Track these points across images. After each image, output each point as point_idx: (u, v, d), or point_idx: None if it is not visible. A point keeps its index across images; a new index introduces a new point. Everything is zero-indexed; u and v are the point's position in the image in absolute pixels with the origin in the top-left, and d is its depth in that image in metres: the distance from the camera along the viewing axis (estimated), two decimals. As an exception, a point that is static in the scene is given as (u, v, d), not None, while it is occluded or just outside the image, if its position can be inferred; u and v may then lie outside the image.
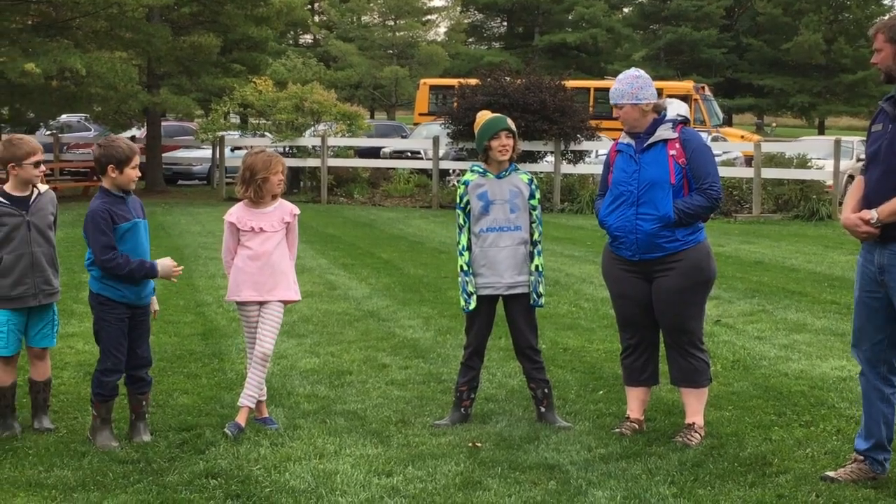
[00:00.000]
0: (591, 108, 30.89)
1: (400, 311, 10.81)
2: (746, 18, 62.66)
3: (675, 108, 9.41)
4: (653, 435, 6.49)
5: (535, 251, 6.75)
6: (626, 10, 68.19)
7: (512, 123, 6.81)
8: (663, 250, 6.29)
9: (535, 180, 6.90)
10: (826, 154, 23.09)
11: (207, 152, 31.04)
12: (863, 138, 10.51)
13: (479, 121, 6.83)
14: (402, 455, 6.10)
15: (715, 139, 27.58)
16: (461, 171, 25.07)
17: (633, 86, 6.38)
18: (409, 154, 29.33)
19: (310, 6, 58.43)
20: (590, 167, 24.51)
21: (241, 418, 6.53)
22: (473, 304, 6.69)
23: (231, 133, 28.77)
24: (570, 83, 25.87)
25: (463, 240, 6.77)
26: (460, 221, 6.80)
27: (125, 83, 25.53)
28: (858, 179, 5.68)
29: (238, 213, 6.70)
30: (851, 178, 23.02)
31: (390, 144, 30.34)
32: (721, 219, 21.15)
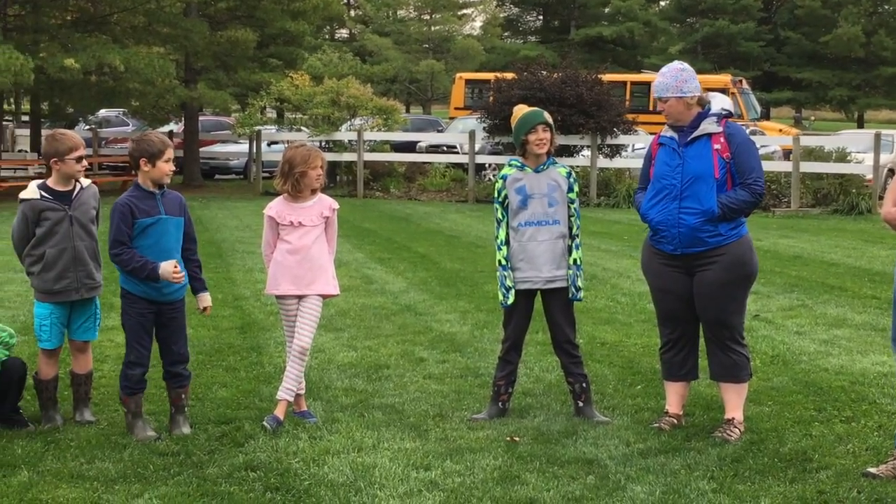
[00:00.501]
0: (628, 102, 30.78)
1: (437, 306, 10.82)
2: (785, 11, 62.10)
3: (719, 102, 9.38)
4: (692, 430, 6.46)
5: (574, 245, 6.72)
6: (662, 3, 67.75)
7: (549, 117, 6.75)
8: (706, 245, 6.26)
9: (573, 173, 6.86)
10: (866, 147, 22.88)
11: (244, 147, 31.19)
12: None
13: (516, 115, 6.78)
14: (440, 449, 6.11)
15: (753, 133, 27.39)
16: (497, 165, 25.07)
17: (677, 78, 6.33)
18: (445, 148, 29.32)
19: (346, 1, 58.51)
20: (626, 161, 24.42)
21: (279, 411, 6.56)
22: (512, 298, 6.67)
23: (268, 128, 28.87)
24: (606, 77, 25.79)
25: (501, 234, 6.74)
26: (498, 216, 6.77)
27: (163, 78, 25.72)
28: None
29: (277, 208, 6.71)
30: (892, 171, 22.81)
31: (426, 139, 30.37)
32: (759, 213, 20.96)
